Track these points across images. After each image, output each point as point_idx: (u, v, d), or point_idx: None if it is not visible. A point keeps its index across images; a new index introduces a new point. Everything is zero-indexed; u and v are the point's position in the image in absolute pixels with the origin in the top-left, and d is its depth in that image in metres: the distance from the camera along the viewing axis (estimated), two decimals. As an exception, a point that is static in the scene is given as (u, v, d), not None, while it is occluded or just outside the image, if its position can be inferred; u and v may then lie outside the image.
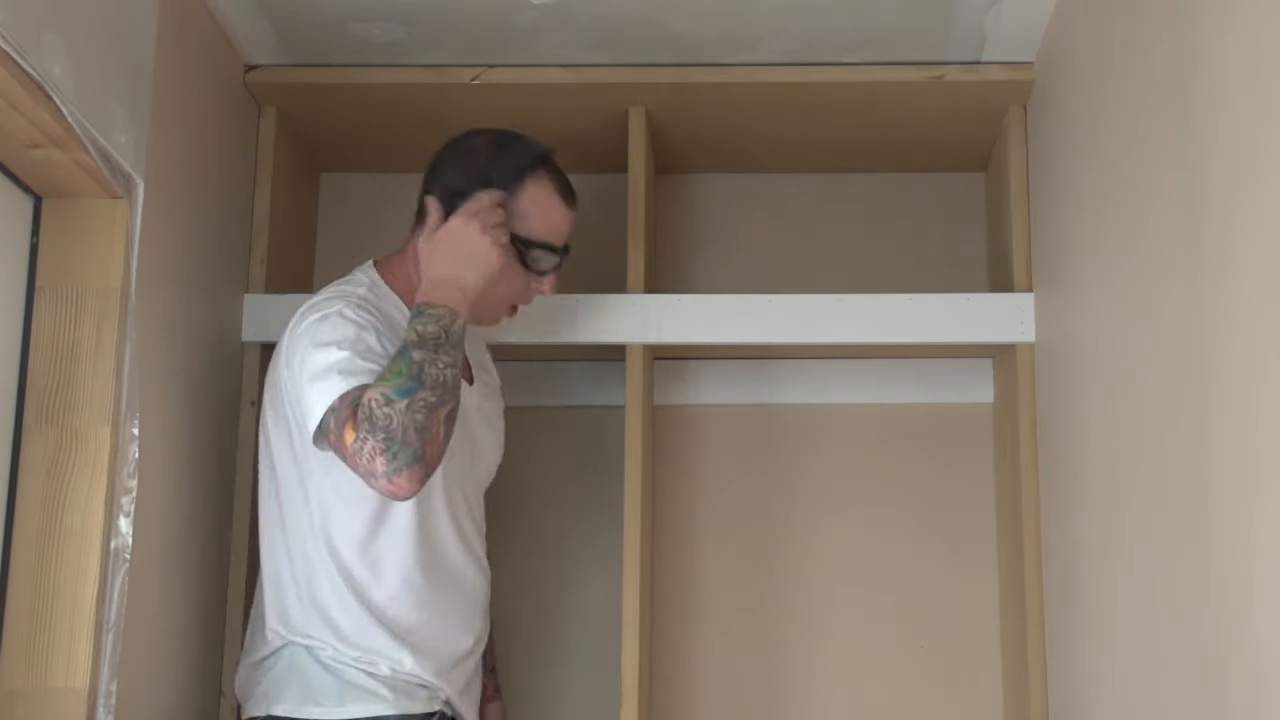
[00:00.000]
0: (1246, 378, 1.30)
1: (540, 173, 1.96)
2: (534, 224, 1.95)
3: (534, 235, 1.95)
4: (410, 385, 1.71)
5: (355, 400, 1.73)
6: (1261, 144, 1.27)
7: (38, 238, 1.81)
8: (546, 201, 1.96)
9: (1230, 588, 1.35)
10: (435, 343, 1.76)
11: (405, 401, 1.70)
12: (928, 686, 2.48)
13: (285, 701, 1.87)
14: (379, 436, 1.69)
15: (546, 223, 1.96)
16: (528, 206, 1.94)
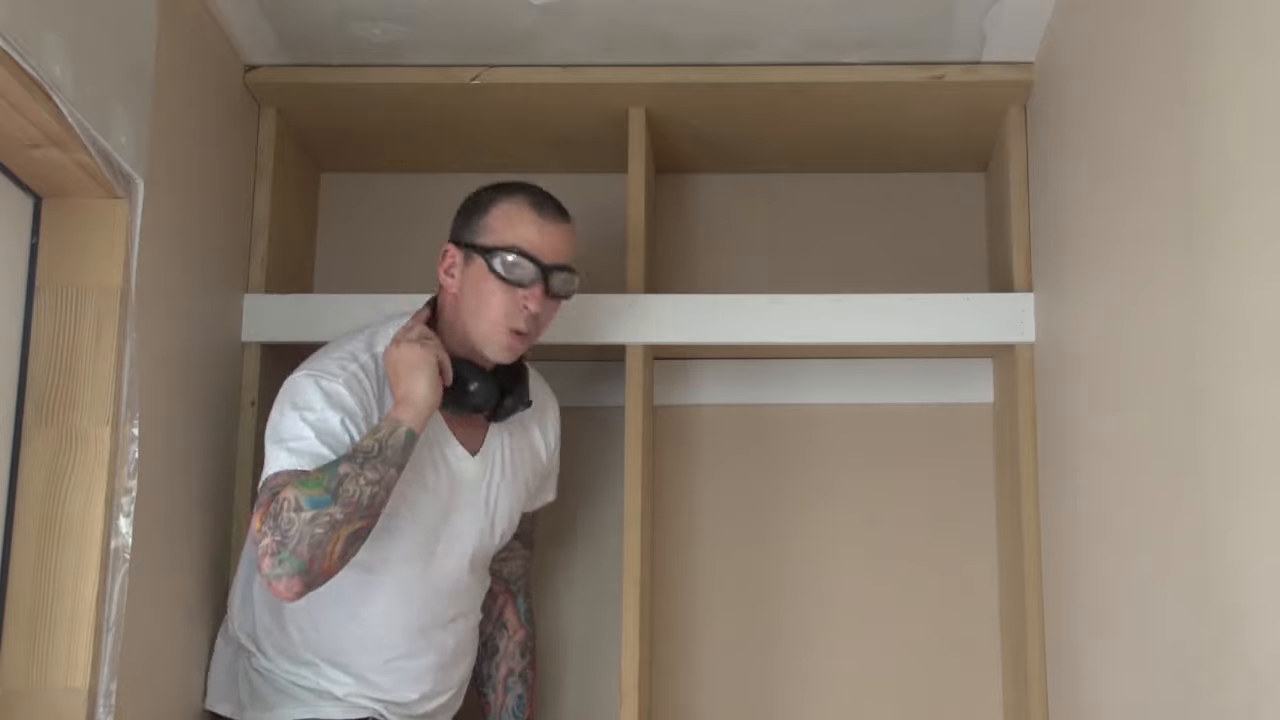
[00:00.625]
0: (1246, 377, 1.30)
1: (514, 194, 1.99)
2: (501, 234, 1.96)
3: (507, 243, 1.95)
4: (323, 499, 1.78)
5: (278, 488, 1.81)
6: (1261, 144, 1.27)
7: (38, 238, 1.81)
8: (516, 213, 1.97)
9: (1229, 587, 1.35)
10: (365, 456, 1.82)
11: (311, 513, 1.77)
12: (928, 687, 2.48)
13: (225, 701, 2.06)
14: (276, 537, 1.77)
15: (514, 232, 1.96)
16: (494, 221, 1.97)
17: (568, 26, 2.21)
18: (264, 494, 1.83)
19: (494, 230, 1.96)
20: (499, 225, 1.97)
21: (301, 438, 1.86)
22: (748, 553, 2.55)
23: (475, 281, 1.96)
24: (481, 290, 1.95)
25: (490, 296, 1.95)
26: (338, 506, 1.78)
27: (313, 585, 1.78)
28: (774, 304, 2.31)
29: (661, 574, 2.51)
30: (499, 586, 2.24)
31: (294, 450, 1.85)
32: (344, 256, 2.65)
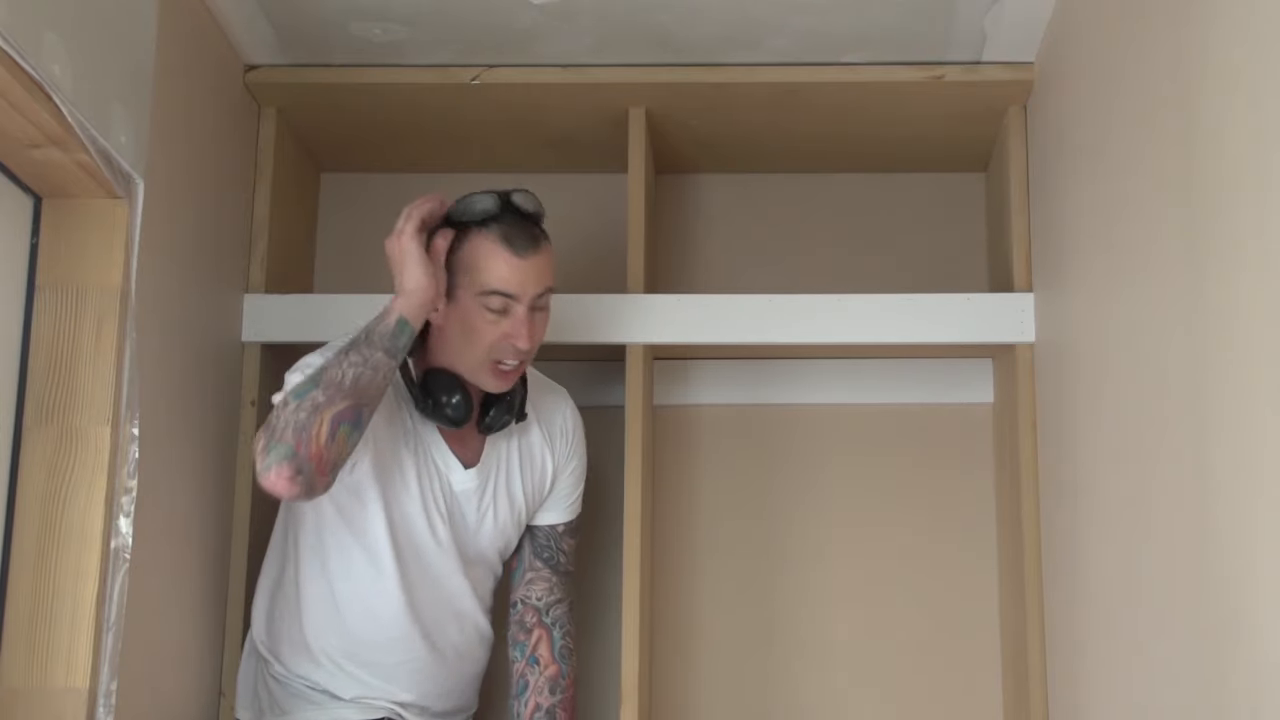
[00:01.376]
0: (1246, 377, 1.30)
1: (486, 230, 1.93)
2: (477, 275, 1.92)
3: (482, 286, 1.92)
4: (306, 387, 1.80)
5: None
6: (1262, 143, 1.27)
7: (38, 237, 1.82)
8: (490, 251, 1.92)
9: (1230, 587, 1.35)
10: (351, 343, 1.84)
11: (295, 403, 1.79)
12: (928, 687, 2.48)
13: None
14: (265, 434, 1.78)
15: (492, 273, 1.92)
16: (470, 259, 1.93)
17: (568, 26, 2.21)
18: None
19: (471, 269, 1.93)
20: (477, 262, 1.93)
21: (307, 364, 1.90)
22: (747, 552, 2.55)
23: (460, 317, 1.94)
24: (466, 327, 1.94)
25: (475, 334, 1.94)
26: (319, 390, 1.79)
27: (302, 469, 1.75)
28: (774, 304, 2.31)
29: (661, 574, 2.51)
30: (531, 618, 2.15)
31: (298, 369, 1.89)
32: (344, 256, 2.65)
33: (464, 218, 1.94)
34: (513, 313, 1.93)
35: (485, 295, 1.92)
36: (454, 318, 1.95)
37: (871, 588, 2.52)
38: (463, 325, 1.94)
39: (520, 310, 1.93)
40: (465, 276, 1.93)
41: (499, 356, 1.95)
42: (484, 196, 1.94)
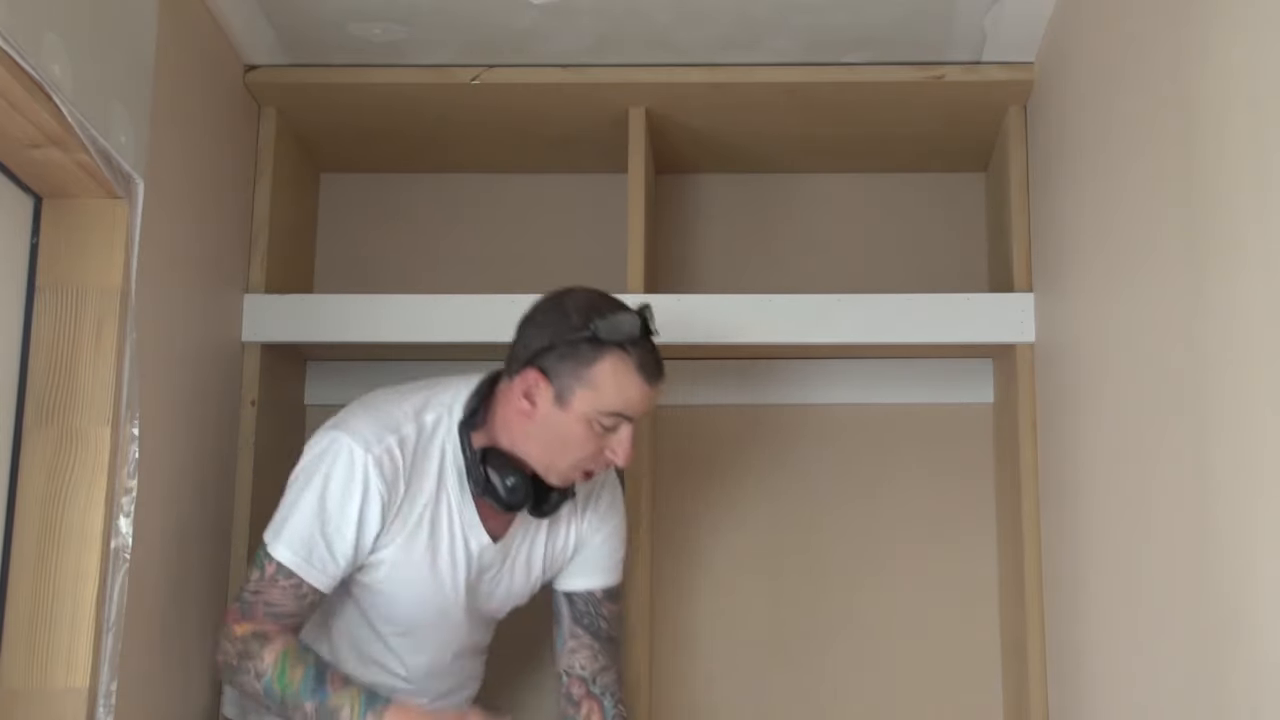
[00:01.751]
0: (1246, 377, 1.30)
1: (624, 352, 1.85)
2: (604, 395, 1.85)
3: (605, 407, 1.85)
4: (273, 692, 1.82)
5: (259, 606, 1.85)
6: (1262, 143, 1.27)
7: (38, 238, 1.81)
8: (625, 376, 1.85)
9: (1230, 587, 1.35)
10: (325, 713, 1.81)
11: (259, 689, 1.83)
12: (928, 686, 2.48)
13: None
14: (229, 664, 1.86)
15: (621, 396, 1.85)
16: (600, 377, 1.85)
17: (568, 26, 2.21)
18: (252, 602, 1.86)
19: (598, 387, 1.84)
20: (604, 382, 1.84)
21: (311, 539, 1.85)
22: (747, 552, 2.55)
23: (561, 425, 1.86)
24: (567, 435, 1.86)
25: (575, 444, 1.87)
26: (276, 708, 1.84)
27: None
28: (774, 304, 2.31)
29: (661, 574, 2.51)
30: (579, 690, 2.06)
31: (297, 549, 1.85)
32: (344, 256, 2.65)
33: (611, 338, 1.85)
34: (620, 431, 1.87)
35: (604, 413, 1.85)
36: (556, 422, 1.86)
37: (871, 587, 2.52)
38: (564, 432, 1.86)
39: (628, 429, 1.88)
40: (588, 391, 1.84)
41: (591, 467, 1.90)
42: (629, 317, 1.86)
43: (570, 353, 1.85)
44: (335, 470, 1.86)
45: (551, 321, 1.89)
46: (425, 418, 1.92)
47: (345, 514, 1.86)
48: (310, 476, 1.88)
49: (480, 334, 2.29)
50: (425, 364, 2.55)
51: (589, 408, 1.85)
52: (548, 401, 1.86)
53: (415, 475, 1.90)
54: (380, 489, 1.86)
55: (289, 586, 1.85)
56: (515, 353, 1.91)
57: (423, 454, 1.91)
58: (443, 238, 2.65)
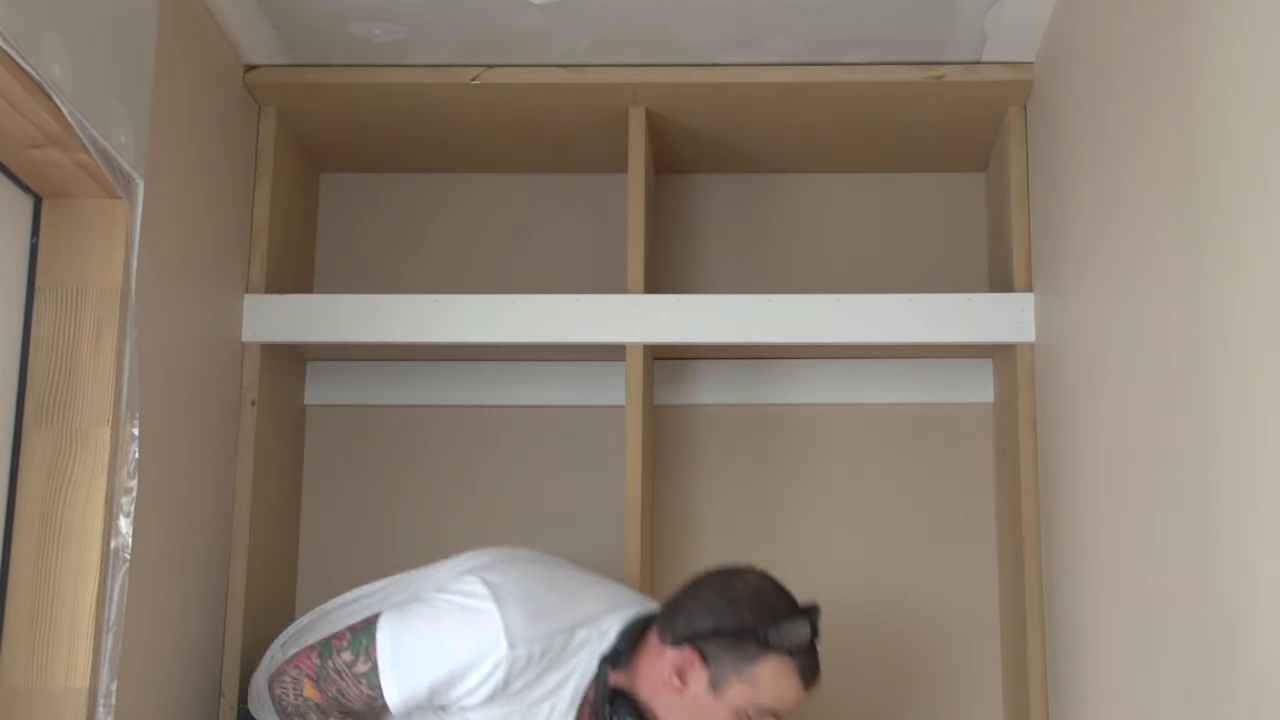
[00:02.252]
0: (1247, 377, 1.30)
1: (790, 656, 1.87)
2: (763, 692, 1.86)
3: (761, 704, 1.86)
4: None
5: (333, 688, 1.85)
6: (1262, 143, 1.27)
7: (38, 238, 1.81)
8: (786, 681, 1.87)
9: (1230, 587, 1.35)
10: None
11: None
12: (928, 686, 2.48)
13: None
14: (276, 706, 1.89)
15: (778, 696, 1.87)
16: (762, 675, 1.86)
17: (568, 26, 2.21)
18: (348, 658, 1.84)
19: (758, 683, 1.85)
20: (765, 682, 1.85)
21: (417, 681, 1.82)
22: (747, 552, 2.53)
23: (711, 710, 1.86)
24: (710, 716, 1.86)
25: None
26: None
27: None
28: (773, 304, 2.31)
29: (661, 574, 2.51)
30: None
31: (400, 684, 1.82)
32: (344, 256, 2.65)
33: (780, 644, 1.86)
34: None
35: (758, 710, 1.86)
36: (705, 706, 1.86)
37: (871, 587, 2.52)
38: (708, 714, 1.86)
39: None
40: (747, 687, 1.85)
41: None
42: (801, 626, 1.88)
43: (734, 645, 1.85)
44: (475, 643, 1.82)
45: (719, 607, 1.88)
46: (578, 634, 1.89)
47: (463, 684, 1.82)
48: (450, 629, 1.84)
49: (480, 334, 2.29)
50: (425, 364, 2.56)
51: (744, 701, 1.85)
52: (701, 685, 1.85)
53: (541, 676, 1.86)
54: (501, 682, 1.82)
55: (367, 695, 1.84)
56: (674, 621, 1.89)
57: (557, 662, 1.87)
58: (443, 238, 2.65)
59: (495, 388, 2.57)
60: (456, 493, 2.55)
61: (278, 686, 1.90)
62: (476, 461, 2.56)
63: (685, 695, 1.86)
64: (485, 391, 2.57)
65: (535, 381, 2.56)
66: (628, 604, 1.97)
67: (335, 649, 1.87)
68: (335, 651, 1.86)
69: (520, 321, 2.30)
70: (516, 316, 2.30)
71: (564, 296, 2.32)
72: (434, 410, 2.58)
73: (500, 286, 2.56)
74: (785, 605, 1.90)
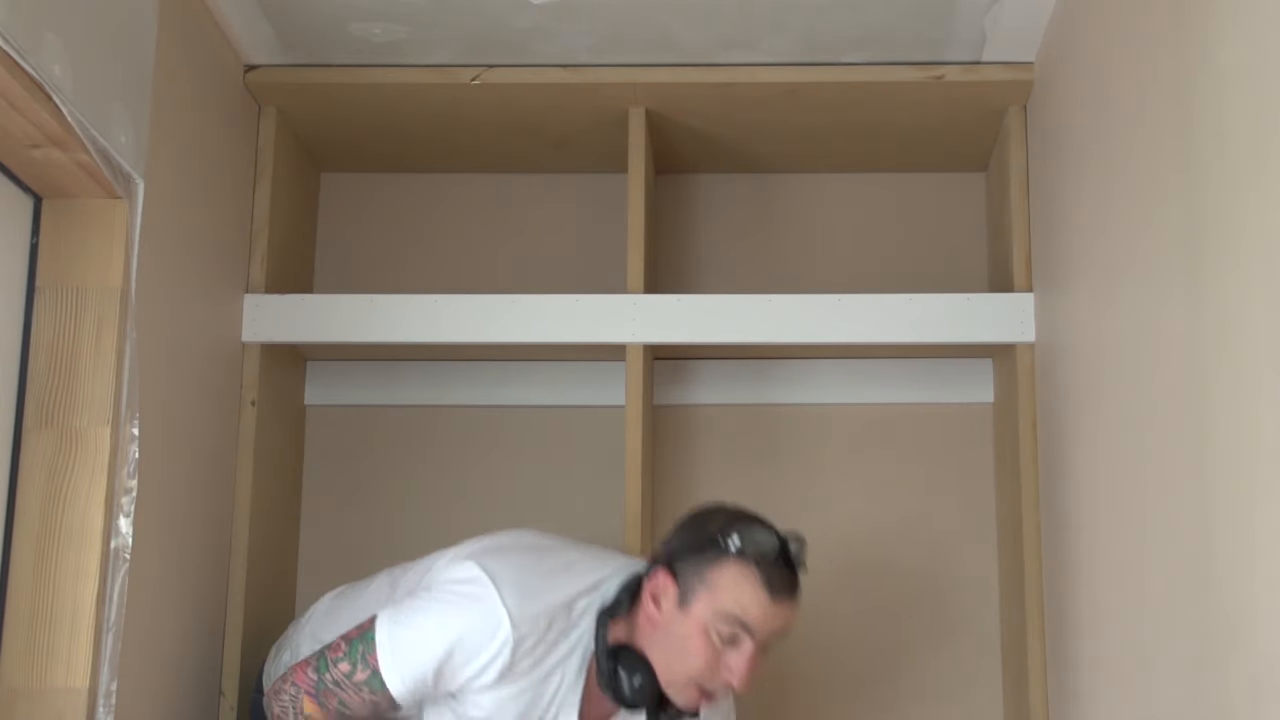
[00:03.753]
0: (1247, 377, 1.30)
1: (749, 561, 1.83)
2: (723, 598, 1.81)
3: (721, 608, 1.81)
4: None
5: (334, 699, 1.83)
6: (1262, 144, 1.27)
7: (38, 238, 1.82)
8: (747, 586, 1.82)
9: (1231, 588, 1.35)
10: None
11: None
12: (928, 686, 2.48)
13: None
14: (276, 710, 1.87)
15: (738, 602, 1.81)
16: (721, 580, 1.82)
17: (568, 26, 2.21)
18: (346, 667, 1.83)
19: (717, 588, 1.82)
20: (724, 585, 1.82)
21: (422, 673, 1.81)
22: (748, 553, 2.54)
23: (681, 629, 1.82)
24: (685, 642, 1.82)
25: (693, 654, 1.82)
26: None
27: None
28: (774, 304, 2.31)
29: (661, 574, 2.51)
30: None
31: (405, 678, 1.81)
32: (344, 256, 2.65)
33: (740, 548, 1.83)
34: (741, 646, 1.81)
35: (721, 617, 1.81)
36: (677, 626, 1.83)
37: (871, 587, 2.52)
38: (683, 639, 1.82)
39: (749, 647, 1.81)
40: (707, 593, 1.82)
41: (708, 685, 1.83)
42: (768, 535, 1.86)
43: (699, 554, 1.84)
44: (475, 627, 1.80)
45: (692, 527, 1.89)
46: (578, 604, 1.87)
47: (468, 667, 1.80)
48: (450, 613, 1.83)
49: (480, 334, 2.29)
50: (425, 364, 2.56)
51: (708, 613, 1.81)
52: (672, 603, 1.84)
53: (547, 651, 1.84)
54: (506, 663, 1.80)
55: (370, 700, 1.83)
56: (654, 556, 1.91)
57: (560, 640, 1.85)
58: (443, 238, 2.65)
59: (495, 388, 2.57)
60: (456, 493, 2.55)
61: (276, 705, 1.87)
62: (476, 461, 2.56)
63: (661, 622, 1.84)
64: (485, 391, 2.57)
65: (535, 381, 2.56)
66: (627, 566, 1.95)
67: (331, 661, 1.84)
68: (332, 664, 1.84)
69: (520, 321, 2.30)
70: (516, 316, 2.30)
71: (564, 296, 2.32)
72: (434, 410, 2.58)
73: (500, 286, 2.56)
74: (756, 520, 1.89)
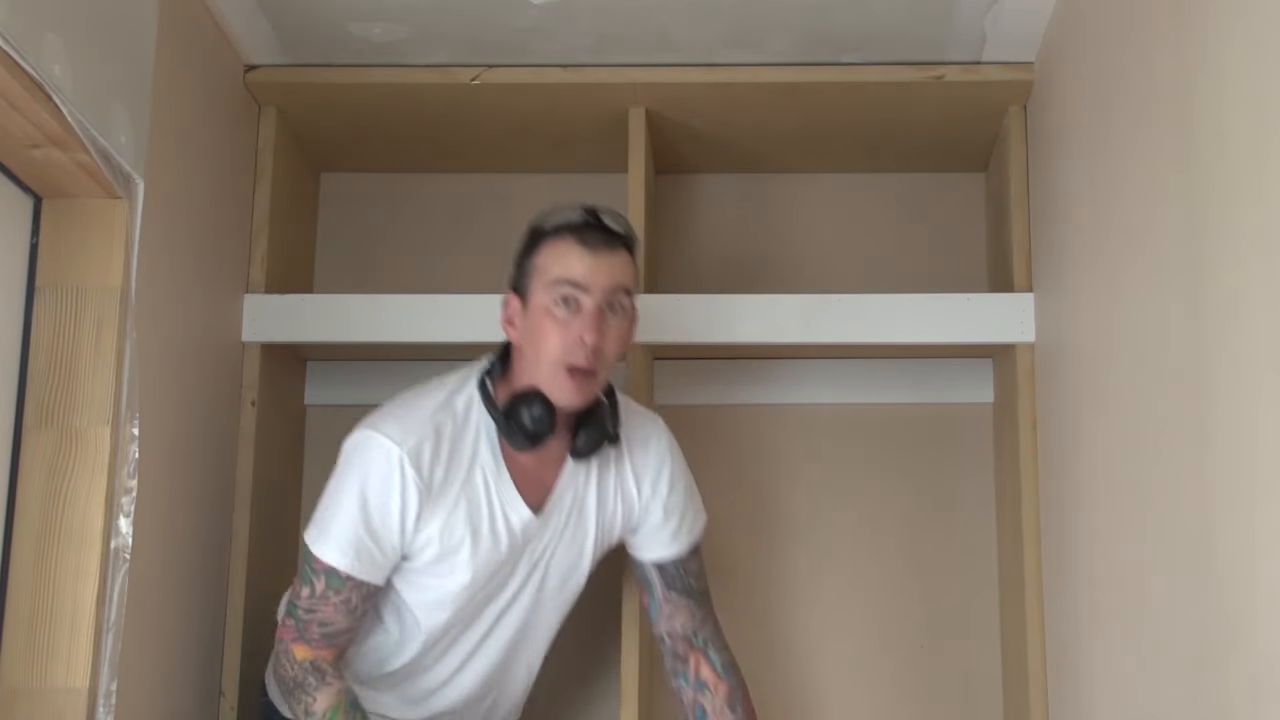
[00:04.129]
0: (1246, 377, 1.30)
1: (560, 233, 1.89)
2: (548, 272, 1.87)
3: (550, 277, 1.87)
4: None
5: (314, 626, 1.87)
6: (1262, 144, 1.27)
7: (38, 238, 1.82)
8: (567, 249, 1.87)
9: (1231, 587, 1.35)
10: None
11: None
12: (928, 686, 2.48)
13: None
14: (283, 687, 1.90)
15: (562, 266, 1.87)
16: (542, 260, 1.89)
17: (568, 26, 2.21)
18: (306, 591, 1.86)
19: (543, 267, 1.88)
20: (548, 260, 1.88)
21: (358, 539, 1.85)
22: (747, 552, 2.54)
23: (532, 324, 1.88)
24: (537, 332, 1.87)
25: (545, 337, 1.86)
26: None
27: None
28: (774, 304, 2.31)
29: (661, 574, 2.51)
30: (682, 647, 2.09)
31: (345, 549, 1.85)
32: (344, 256, 2.65)
33: (549, 224, 1.90)
34: (583, 307, 1.85)
35: (555, 285, 1.85)
36: (529, 325, 1.89)
37: (871, 587, 2.52)
38: (535, 329, 1.87)
39: (589, 304, 1.85)
40: (537, 277, 1.88)
41: (571, 359, 1.86)
42: (572, 209, 1.91)
43: (524, 254, 1.93)
44: (372, 467, 1.86)
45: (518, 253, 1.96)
46: (456, 402, 1.93)
47: (388, 508, 1.86)
48: (346, 477, 1.88)
49: (480, 334, 2.29)
50: (425, 364, 2.55)
51: (542, 293, 1.87)
52: (519, 312, 1.92)
53: (453, 460, 1.89)
54: (416, 480, 1.85)
55: (340, 603, 1.86)
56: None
57: (458, 437, 1.90)
58: (443, 238, 2.65)
59: (495, 388, 2.57)
60: (456, 493, 2.55)
61: (279, 669, 1.91)
62: (476, 461, 2.56)
63: (519, 334, 1.92)
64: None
65: (535, 381, 2.56)
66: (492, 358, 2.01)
67: (294, 600, 1.89)
68: (295, 601, 1.88)
69: (520, 321, 2.30)
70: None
71: (564, 296, 2.32)
72: (434, 410, 2.58)
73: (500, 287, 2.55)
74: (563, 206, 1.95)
